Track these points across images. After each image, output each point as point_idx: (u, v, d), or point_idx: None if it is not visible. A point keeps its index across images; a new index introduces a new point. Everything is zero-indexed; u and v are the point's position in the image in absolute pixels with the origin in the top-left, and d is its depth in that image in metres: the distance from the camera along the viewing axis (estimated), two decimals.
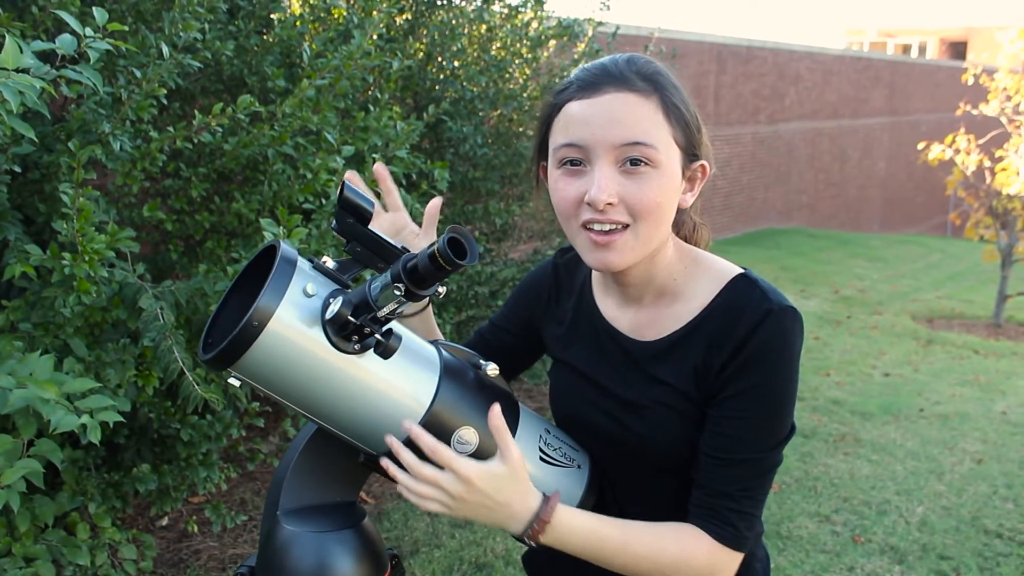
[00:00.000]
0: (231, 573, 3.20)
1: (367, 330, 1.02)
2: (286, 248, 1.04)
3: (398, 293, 0.99)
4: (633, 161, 1.16)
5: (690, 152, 1.22)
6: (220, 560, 3.29)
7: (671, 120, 1.18)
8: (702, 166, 1.25)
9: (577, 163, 1.19)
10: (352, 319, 1.01)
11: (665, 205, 1.19)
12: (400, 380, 1.10)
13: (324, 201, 2.81)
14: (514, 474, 1.14)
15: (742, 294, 1.24)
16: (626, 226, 1.17)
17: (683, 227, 1.37)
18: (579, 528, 1.19)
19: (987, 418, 5.45)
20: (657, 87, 1.18)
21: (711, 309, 1.25)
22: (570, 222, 1.21)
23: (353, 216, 1.05)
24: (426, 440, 1.09)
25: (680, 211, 1.28)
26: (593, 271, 1.40)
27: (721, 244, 12.27)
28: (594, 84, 1.18)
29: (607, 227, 1.17)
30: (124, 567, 2.75)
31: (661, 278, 1.28)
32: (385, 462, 1.13)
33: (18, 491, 2.00)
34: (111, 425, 2.02)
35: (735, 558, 1.22)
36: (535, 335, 1.48)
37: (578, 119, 1.18)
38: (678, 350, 1.26)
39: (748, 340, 1.19)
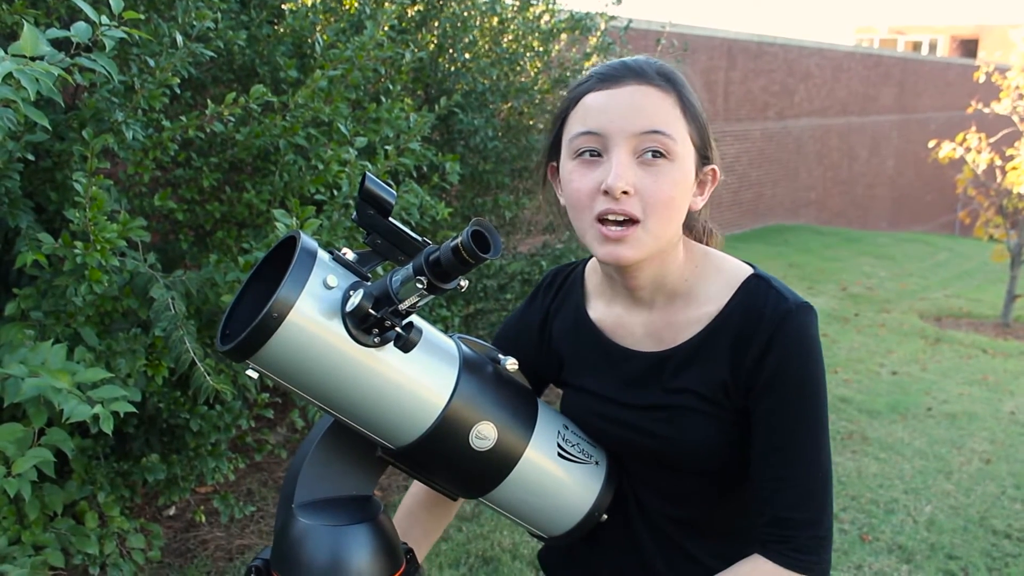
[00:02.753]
0: (238, 563, 3.20)
1: (388, 323, 1.01)
2: (306, 239, 1.03)
3: (420, 286, 0.97)
4: (653, 152, 1.15)
5: (703, 154, 1.23)
6: (227, 550, 3.29)
7: (688, 117, 1.19)
8: (712, 170, 1.26)
9: (594, 153, 1.18)
10: (373, 312, 1.00)
11: (678, 201, 1.18)
12: (419, 374, 1.09)
13: (336, 192, 2.80)
14: None
15: (758, 296, 1.23)
16: (637, 221, 1.16)
17: (694, 231, 1.36)
18: None
19: (995, 418, 5.43)
20: (675, 85, 1.20)
21: (728, 313, 1.24)
22: (583, 215, 1.19)
23: (374, 208, 1.04)
24: None
25: (690, 214, 1.27)
26: (588, 293, 1.37)
27: (729, 240, 12.12)
28: (614, 76, 1.19)
29: (620, 218, 1.15)
30: (132, 556, 2.75)
31: (672, 279, 1.27)
32: None
33: (29, 480, 2.00)
34: (121, 415, 2.02)
35: None
36: (535, 376, 1.40)
37: (597, 108, 1.18)
38: (699, 357, 1.25)
39: (772, 344, 1.19)
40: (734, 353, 1.22)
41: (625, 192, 1.14)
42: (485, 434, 1.15)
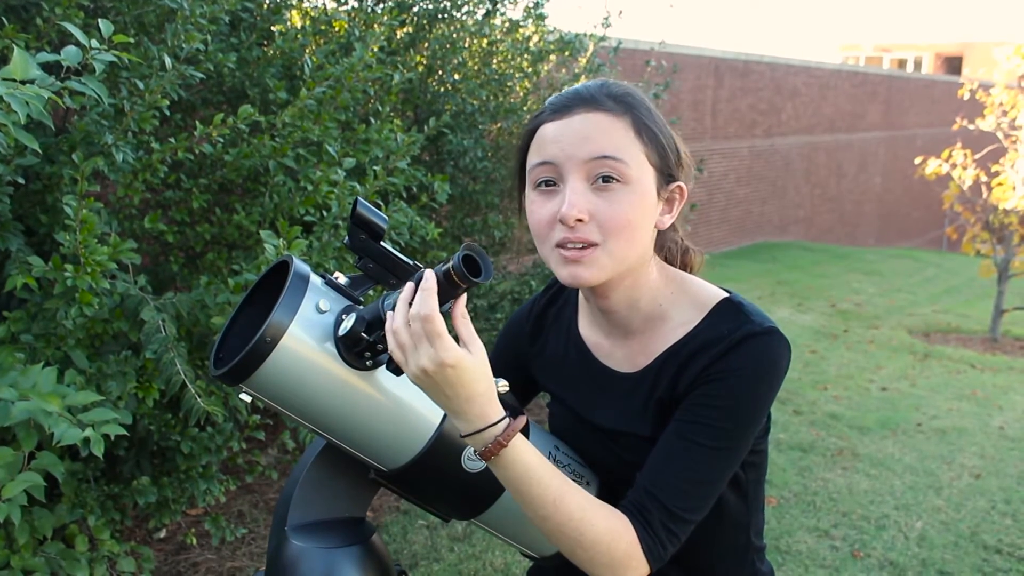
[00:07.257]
0: None
1: (380, 347, 1.02)
2: (299, 264, 1.04)
3: None
4: (605, 178, 1.16)
5: (665, 173, 1.22)
6: (219, 573, 3.27)
7: (643, 139, 1.19)
8: (679, 187, 1.25)
9: (551, 183, 1.19)
10: (365, 336, 1.01)
11: (637, 223, 1.18)
12: (411, 397, 1.10)
13: (325, 213, 2.81)
14: (484, 369, 1.05)
15: (726, 317, 1.23)
16: (596, 244, 1.17)
17: (668, 250, 1.36)
18: (527, 463, 1.09)
19: (984, 433, 5.46)
20: (629, 108, 1.20)
21: (695, 333, 1.24)
22: (544, 243, 1.21)
23: (365, 232, 1.05)
24: (428, 300, 0.99)
25: (661, 233, 1.28)
26: (579, 308, 1.39)
27: (717, 258, 12.29)
28: (566, 106, 1.20)
29: (579, 245, 1.16)
30: None
31: (645, 303, 1.27)
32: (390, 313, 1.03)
33: (19, 504, 1.99)
34: (112, 437, 2.01)
35: (646, 567, 1.15)
36: (524, 372, 1.47)
37: (550, 138, 1.19)
38: (663, 374, 1.25)
39: (724, 355, 1.18)
40: (687, 363, 1.21)
41: (580, 220, 1.15)
42: (476, 456, 1.15)
